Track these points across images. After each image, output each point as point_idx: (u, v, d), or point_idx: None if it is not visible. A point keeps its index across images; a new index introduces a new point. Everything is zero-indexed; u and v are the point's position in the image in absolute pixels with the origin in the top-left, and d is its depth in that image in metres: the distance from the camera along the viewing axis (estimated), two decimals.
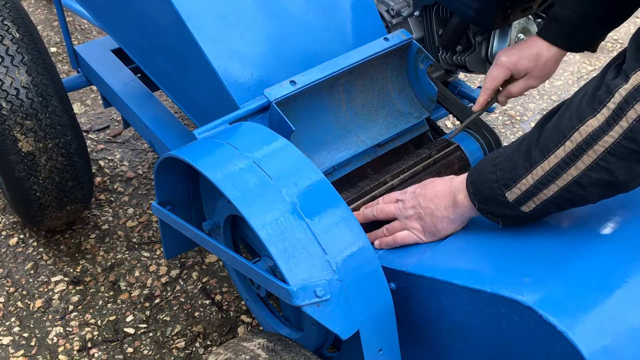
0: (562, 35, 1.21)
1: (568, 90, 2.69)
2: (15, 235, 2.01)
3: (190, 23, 1.25)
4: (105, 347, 1.69)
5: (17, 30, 1.65)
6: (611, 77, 0.85)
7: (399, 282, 1.05)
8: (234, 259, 1.06)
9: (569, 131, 0.87)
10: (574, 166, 0.88)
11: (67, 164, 1.71)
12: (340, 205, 1.00)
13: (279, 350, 1.00)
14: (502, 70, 1.26)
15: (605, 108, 0.84)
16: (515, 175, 0.93)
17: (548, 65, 1.25)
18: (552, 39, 1.22)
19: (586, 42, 1.23)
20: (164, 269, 1.91)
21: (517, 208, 0.95)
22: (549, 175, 0.90)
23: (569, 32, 1.20)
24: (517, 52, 1.25)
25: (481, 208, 0.99)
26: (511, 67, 1.26)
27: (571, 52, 1.26)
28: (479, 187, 0.98)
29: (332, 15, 1.38)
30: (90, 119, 2.50)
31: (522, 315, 0.85)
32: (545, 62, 1.24)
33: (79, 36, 3.01)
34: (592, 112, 0.85)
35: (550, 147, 0.89)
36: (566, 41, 1.22)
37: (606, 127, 0.84)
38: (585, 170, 0.87)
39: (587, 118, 0.85)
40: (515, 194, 0.94)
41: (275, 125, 1.20)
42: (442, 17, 1.57)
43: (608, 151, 0.85)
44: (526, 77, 1.27)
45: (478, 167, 1.01)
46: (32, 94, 1.61)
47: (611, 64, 0.88)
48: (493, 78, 1.28)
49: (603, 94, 0.84)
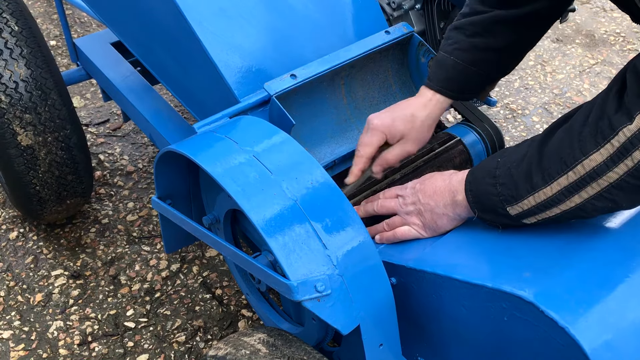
0: (448, 82, 1.15)
1: (570, 84, 2.68)
2: (15, 229, 2.00)
3: (190, 16, 1.24)
4: (105, 341, 1.69)
5: (16, 23, 1.64)
6: (612, 109, 0.83)
7: (400, 277, 1.05)
8: (234, 254, 1.05)
9: (571, 162, 0.86)
10: (578, 195, 0.87)
11: (67, 158, 1.70)
12: (340, 200, 0.99)
13: (280, 345, 1.00)
14: (376, 135, 1.15)
15: (609, 144, 0.82)
16: (517, 195, 0.92)
17: (424, 128, 1.17)
18: (437, 87, 1.16)
19: (474, 88, 1.19)
20: (164, 263, 1.91)
21: (518, 220, 0.95)
22: (552, 201, 0.90)
23: (456, 78, 1.15)
24: (389, 115, 1.16)
25: (481, 216, 0.99)
26: (386, 130, 1.15)
27: (455, 99, 1.19)
28: (479, 197, 0.98)
29: (333, 9, 1.37)
30: (90, 113, 2.49)
31: (524, 311, 0.85)
32: (421, 124, 1.16)
33: (78, 29, 3.00)
34: (596, 146, 0.84)
35: (552, 174, 0.88)
36: (453, 88, 1.16)
37: (610, 164, 0.83)
38: (589, 199, 0.87)
39: (591, 152, 0.84)
40: (517, 210, 0.94)
41: (275, 119, 1.19)
42: (444, 10, 1.56)
43: (612, 185, 0.84)
44: (402, 142, 1.16)
45: (476, 174, 0.99)
46: (31, 87, 1.61)
47: (611, 88, 0.86)
48: (366, 144, 1.16)
49: (606, 129, 0.83)
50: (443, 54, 1.16)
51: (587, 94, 2.64)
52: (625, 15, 1.17)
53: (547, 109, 2.56)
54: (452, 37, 1.16)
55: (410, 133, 1.16)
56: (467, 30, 1.13)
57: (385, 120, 1.16)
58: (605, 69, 2.78)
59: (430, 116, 1.17)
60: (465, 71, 1.14)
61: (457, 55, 1.14)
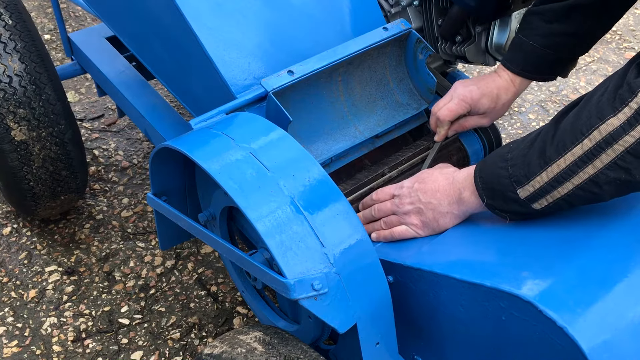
0: (528, 65, 1.21)
1: (566, 82, 2.68)
2: (8, 224, 1.99)
3: (187, 11, 1.23)
4: (99, 338, 1.68)
5: (10, 17, 1.62)
6: (633, 75, 0.83)
7: (397, 275, 1.04)
8: (230, 251, 1.05)
9: (587, 129, 0.85)
10: (592, 164, 0.86)
11: (61, 153, 1.69)
12: (338, 198, 0.99)
13: (276, 344, 0.99)
14: (463, 105, 1.25)
15: (627, 107, 0.81)
16: (529, 172, 0.91)
17: (504, 108, 1.27)
18: (518, 70, 1.22)
19: (555, 70, 1.23)
20: (159, 259, 1.90)
21: (528, 205, 0.94)
22: (565, 173, 0.88)
23: (536, 62, 1.20)
24: (478, 90, 1.24)
25: (489, 204, 0.98)
26: (472, 103, 1.25)
27: (538, 81, 1.26)
28: (489, 182, 0.97)
29: (331, 5, 1.36)
30: (84, 108, 2.48)
31: (522, 310, 0.85)
32: (502, 105, 1.26)
33: (73, 23, 2.98)
34: (613, 111, 0.83)
35: (567, 144, 0.87)
36: (533, 71, 1.22)
37: (627, 127, 0.82)
38: (603, 169, 0.85)
39: (608, 117, 0.83)
40: (527, 191, 0.92)
41: (272, 115, 1.19)
42: (442, 6, 1.55)
43: (628, 151, 0.83)
44: (482, 116, 1.28)
45: (487, 161, 0.99)
46: (25, 82, 1.59)
47: (633, 61, 0.86)
48: (451, 110, 1.25)
49: (625, 92, 0.82)
50: (522, 37, 1.20)
51: (583, 92, 2.64)
52: None
53: (543, 107, 2.56)
54: (531, 22, 1.19)
55: (492, 111, 1.27)
56: (545, 15, 1.17)
57: (474, 94, 1.24)
58: (601, 67, 2.78)
59: (512, 98, 1.26)
60: (544, 55, 1.19)
61: (535, 40, 1.18)
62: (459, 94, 1.25)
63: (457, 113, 1.26)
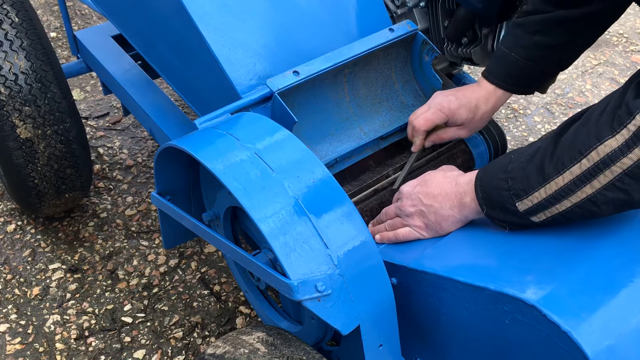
0: (509, 77, 1.19)
1: (572, 84, 2.68)
2: (13, 222, 1.99)
3: (193, 11, 1.23)
4: (102, 336, 1.69)
5: (17, 15, 1.63)
6: (632, 96, 0.82)
7: (401, 278, 1.04)
8: (234, 251, 1.04)
9: (586, 149, 0.85)
10: (589, 184, 0.86)
11: (66, 151, 1.69)
12: (342, 199, 0.99)
13: (278, 345, 0.99)
14: (439, 115, 1.22)
15: (625, 129, 0.81)
16: (528, 187, 0.91)
17: (483, 120, 1.25)
18: (498, 82, 1.20)
19: (534, 84, 1.22)
20: (162, 258, 1.90)
21: (526, 217, 0.94)
22: (563, 192, 0.88)
23: (516, 74, 1.18)
24: (456, 100, 1.21)
25: (489, 213, 0.98)
26: (449, 114, 1.22)
27: (517, 94, 1.24)
28: (489, 192, 0.97)
29: (337, 5, 1.36)
30: (89, 106, 2.48)
31: (526, 314, 0.84)
32: (481, 117, 1.23)
33: (79, 21, 2.98)
34: (612, 132, 0.82)
35: (565, 162, 0.87)
36: (513, 83, 1.20)
37: (625, 149, 0.81)
38: (601, 189, 0.85)
39: (606, 138, 0.83)
40: (526, 205, 0.92)
41: (277, 116, 1.18)
42: (448, 8, 1.54)
43: (625, 173, 0.82)
44: (459, 127, 1.25)
45: (488, 170, 0.99)
46: (31, 80, 1.59)
47: (632, 80, 0.85)
48: (428, 119, 1.22)
49: (624, 114, 0.82)
50: (504, 49, 1.19)
51: (589, 95, 2.63)
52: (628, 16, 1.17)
53: (548, 109, 2.55)
54: (515, 34, 1.18)
55: (470, 122, 1.23)
56: (529, 27, 1.16)
57: (452, 104, 1.21)
58: (607, 70, 2.77)
59: (491, 110, 1.23)
60: (526, 67, 1.18)
61: (517, 52, 1.17)
62: (436, 104, 1.22)
63: (433, 122, 1.23)
